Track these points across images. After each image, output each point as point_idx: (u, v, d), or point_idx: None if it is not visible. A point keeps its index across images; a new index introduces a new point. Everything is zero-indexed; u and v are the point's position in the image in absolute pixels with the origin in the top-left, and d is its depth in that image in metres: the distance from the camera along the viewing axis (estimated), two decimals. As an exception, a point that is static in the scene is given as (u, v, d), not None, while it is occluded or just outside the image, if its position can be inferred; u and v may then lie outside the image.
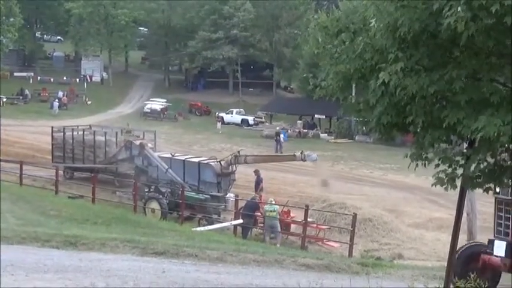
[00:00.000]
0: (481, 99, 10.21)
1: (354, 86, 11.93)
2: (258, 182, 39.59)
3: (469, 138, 10.58)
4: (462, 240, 22.38)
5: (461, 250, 16.58)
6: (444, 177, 11.12)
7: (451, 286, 13.85)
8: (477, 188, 11.57)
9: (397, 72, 10.13)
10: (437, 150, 11.14)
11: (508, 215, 15.45)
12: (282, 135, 69.45)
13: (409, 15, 9.91)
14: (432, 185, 11.36)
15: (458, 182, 11.33)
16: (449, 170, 11.15)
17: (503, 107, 10.00)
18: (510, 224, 15.39)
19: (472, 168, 10.98)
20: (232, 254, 17.55)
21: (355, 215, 30.36)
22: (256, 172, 39.87)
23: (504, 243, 15.34)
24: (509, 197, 15.20)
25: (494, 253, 15.48)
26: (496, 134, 9.57)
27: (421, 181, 43.96)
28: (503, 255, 15.28)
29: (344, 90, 12.00)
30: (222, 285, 14.15)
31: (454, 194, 12.55)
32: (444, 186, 11.19)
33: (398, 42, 10.35)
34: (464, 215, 19.65)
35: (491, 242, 15.81)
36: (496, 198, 15.77)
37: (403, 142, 34.60)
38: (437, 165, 11.22)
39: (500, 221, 15.79)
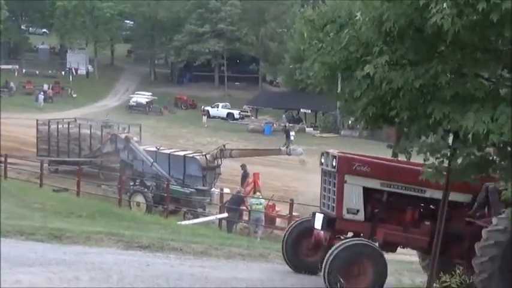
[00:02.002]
0: (466, 94, 10.24)
1: (339, 76, 11.96)
2: (245, 176, 39.57)
3: (454, 131, 10.62)
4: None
5: (292, 226, 16.45)
6: (432, 170, 11.18)
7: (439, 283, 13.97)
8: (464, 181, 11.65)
9: (382, 65, 10.15)
10: (424, 142, 11.20)
11: (330, 187, 14.98)
12: (291, 133, 68.63)
13: (394, 10, 9.93)
14: (420, 179, 11.39)
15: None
16: (437, 162, 11.22)
17: (488, 102, 10.04)
18: (331, 196, 14.89)
19: (459, 161, 11.04)
20: (217, 248, 17.54)
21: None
22: (243, 167, 39.84)
23: (322, 216, 14.92)
24: (332, 168, 14.78)
25: (315, 226, 15.06)
26: (485, 132, 9.61)
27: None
28: (320, 228, 14.89)
29: (330, 81, 12.05)
30: (206, 279, 14.15)
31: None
32: (433, 180, 11.26)
33: (383, 36, 10.38)
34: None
35: (313, 215, 15.35)
36: (322, 169, 15.44)
37: (389, 136, 34.71)
38: (425, 160, 11.28)
39: (324, 193, 15.37)
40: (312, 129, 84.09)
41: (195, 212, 34.49)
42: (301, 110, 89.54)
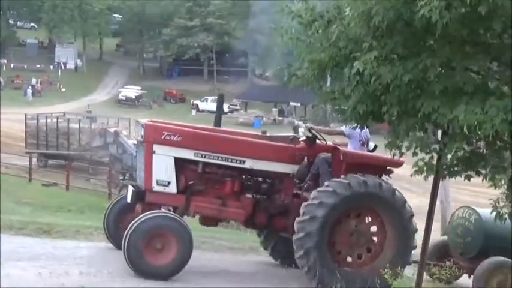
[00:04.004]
0: (455, 88, 10.26)
1: (328, 74, 11.95)
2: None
3: (443, 126, 10.64)
4: (436, 228, 22.53)
5: (113, 202, 15.57)
6: (423, 165, 11.20)
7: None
8: (455, 176, 11.66)
9: (371, 61, 10.15)
10: (413, 138, 11.21)
11: (141, 158, 14.19)
12: (301, 129, 68.15)
13: (383, 4, 9.92)
14: (411, 175, 11.40)
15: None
16: (427, 158, 11.23)
17: (477, 95, 10.06)
18: (141, 167, 14.13)
19: (449, 156, 11.07)
20: (206, 241, 17.56)
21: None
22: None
23: (132, 189, 14.24)
24: (140, 138, 14.04)
25: (127, 200, 14.30)
26: (476, 123, 9.63)
27: (395, 168, 44.17)
28: (129, 201, 14.19)
29: (319, 79, 12.02)
30: (196, 272, 14.15)
31: (428, 181, 12.61)
32: (424, 175, 11.27)
33: (372, 31, 10.37)
34: (438, 202, 19.76)
35: (127, 188, 14.69)
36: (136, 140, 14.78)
37: (377, 130, 34.77)
38: (415, 154, 11.29)
39: (137, 165, 14.77)
40: (301, 122, 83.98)
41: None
42: (291, 103, 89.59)
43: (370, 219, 14.25)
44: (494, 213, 16.46)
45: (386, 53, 10.39)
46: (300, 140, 14.84)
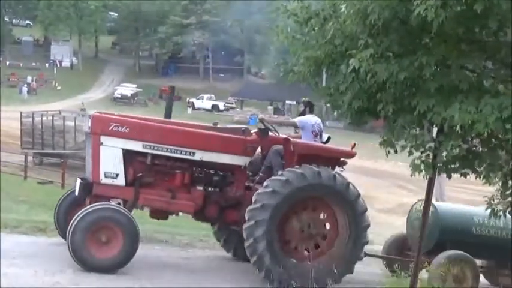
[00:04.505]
0: (451, 86, 10.29)
1: (324, 71, 11.97)
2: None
3: (439, 124, 10.66)
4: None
5: (64, 195, 15.27)
6: (420, 163, 11.21)
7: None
8: (452, 174, 11.67)
9: (367, 58, 10.16)
10: (409, 136, 11.22)
11: (89, 150, 13.94)
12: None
13: (379, 2, 9.94)
14: (411, 175, 11.39)
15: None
16: (424, 156, 11.25)
17: (472, 93, 10.09)
18: (90, 159, 13.88)
19: (445, 154, 11.08)
20: (202, 239, 17.56)
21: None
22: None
23: (79, 181, 14.02)
24: (88, 130, 13.82)
25: (75, 193, 14.16)
26: (470, 122, 9.64)
27: (391, 167, 44.29)
28: (77, 194, 14.04)
29: (315, 76, 12.04)
30: (192, 270, 14.16)
31: (424, 179, 12.64)
32: (422, 174, 11.28)
33: (368, 29, 10.39)
34: (434, 200, 19.80)
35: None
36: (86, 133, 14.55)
37: (373, 128, 34.77)
38: (410, 153, 11.30)
39: (87, 158, 14.40)
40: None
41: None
42: (287, 101, 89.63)
43: (322, 212, 14.08)
44: (461, 207, 16.44)
45: (382, 50, 10.41)
46: (252, 131, 14.63)
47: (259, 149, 14.75)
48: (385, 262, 17.28)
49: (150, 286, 12.76)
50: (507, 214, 11.98)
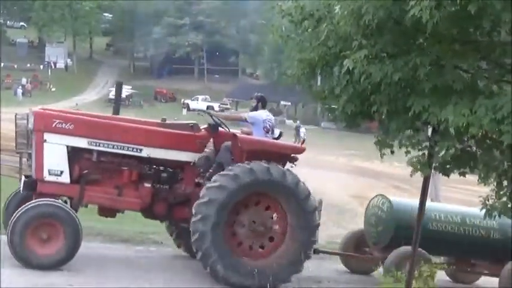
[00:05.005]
0: (445, 87, 10.29)
1: (318, 73, 11.97)
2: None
3: (434, 125, 10.67)
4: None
5: (12, 194, 14.84)
6: (417, 163, 11.22)
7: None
8: (449, 174, 11.67)
9: (361, 59, 10.16)
10: (404, 136, 11.24)
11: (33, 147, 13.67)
12: (301, 129, 67.57)
13: (373, 3, 9.94)
14: (411, 175, 11.37)
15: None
16: (420, 155, 11.26)
17: (466, 94, 10.10)
18: (32, 155, 13.66)
19: (441, 154, 11.09)
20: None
21: (320, 201, 30.41)
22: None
23: (23, 179, 13.89)
24: (31, 127, 13.66)
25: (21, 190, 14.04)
26: (464, 125, 9.64)
27: (386, 167, 44.27)
28: (21, 191, 13.85)
29: (309, 78, 12.03)
30: (187, 271, 14.16)
31: (419, 180, 12.66)
32: (421, 174, 11.29)
33: (362, 29, 10.38)
34: (429, 200, 19.81)
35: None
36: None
37: (368, 129, 34.73)
38: (407, 152, 11.31)
39: (32, 155, 14.22)
40: (291, 121, 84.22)
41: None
42: (281, 102, 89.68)
43: (272, 209, 13.87)
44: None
45: (376, 51, 10.41)
46: (201, 127, 14.45)
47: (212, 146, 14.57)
48: (341, 259, 17.19)
49: (149, 286, 12.76)
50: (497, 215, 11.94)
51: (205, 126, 14.47)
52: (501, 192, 11.40)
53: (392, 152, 11.60)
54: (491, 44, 10.58)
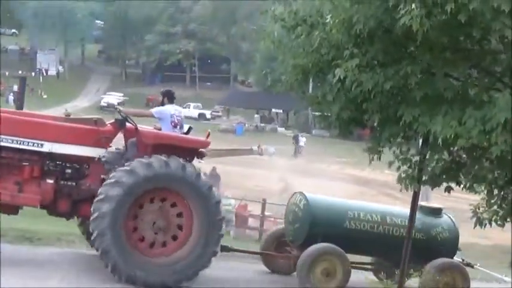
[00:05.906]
0: (436, 95, 10.34)
1: (311, 80, 12.00)
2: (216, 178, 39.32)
3: (423, 135, 10.72)
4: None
5: None
6: (405, 178, 11.26)
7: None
8: (439, 186, 11.70)
9: (353, 68, 10.19)
10: (394, 143, 11.29)
11: None
12: (301, 139, 67.21)
13: (364, 12, 9.98)
14: (400, 190, 11.39)
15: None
16: (409, 170, 11.30)
17: (456, 102, 10.14)
18: None
19: (430, 168, 11.15)
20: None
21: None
22: (214, 170, 39.69)
23: None
24: None
25: None
26: (452, 136, 9.67)
27: (377, 175, 44.31)
28: None
29: (302, 84, 12.06)
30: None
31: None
32: (409, 187, 11.33)
33: (354, 38, 10.43)
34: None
35: None
36: None
37: (360, 136, 34.75)
38: (398, 168, 11.36)
39: None
40: (283, 129, 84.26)
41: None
42: (273, 110, 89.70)
43: (175, 204, 13.57)
44: (335, 200, 15.81)
45: (368, 60, 10.46)
46: (107, 122, 14.24)
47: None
48: (261, 259, 16.66)
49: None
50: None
51: (111, 121, 14.23)
52: (492, 201, 11.44)
53: (379, 158, 11.62)
54: (481, 52, 10.65)
